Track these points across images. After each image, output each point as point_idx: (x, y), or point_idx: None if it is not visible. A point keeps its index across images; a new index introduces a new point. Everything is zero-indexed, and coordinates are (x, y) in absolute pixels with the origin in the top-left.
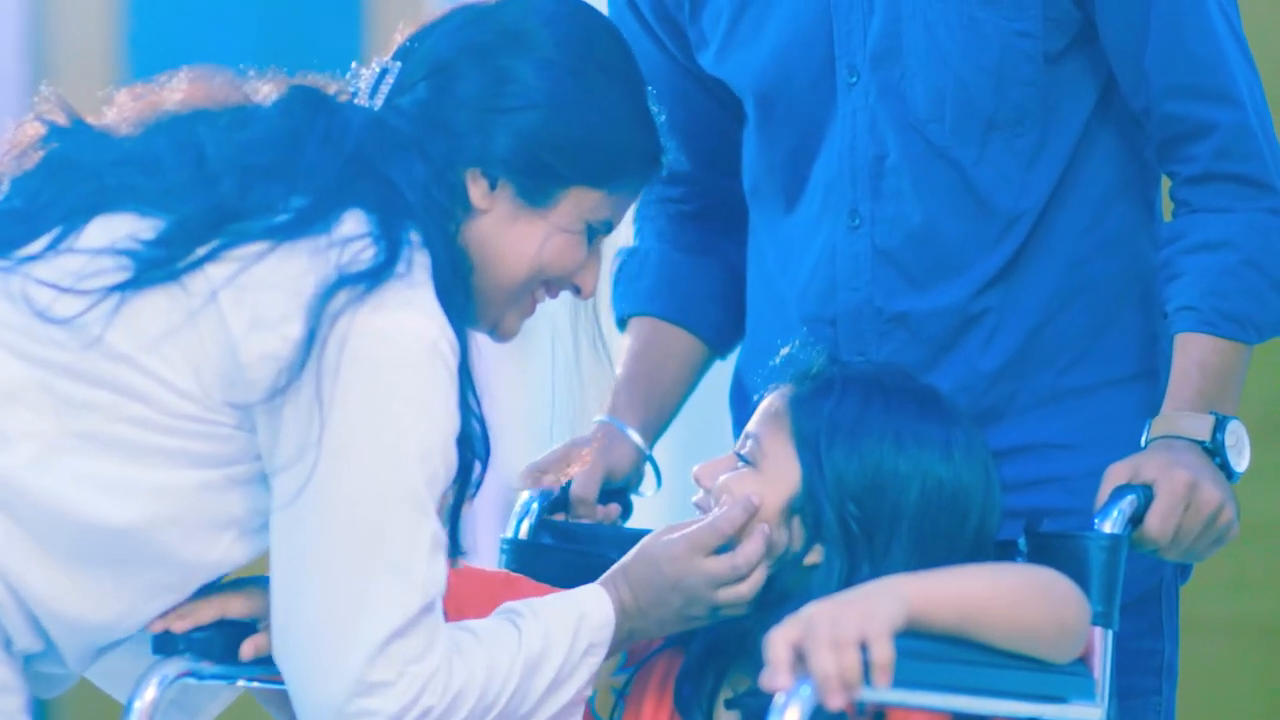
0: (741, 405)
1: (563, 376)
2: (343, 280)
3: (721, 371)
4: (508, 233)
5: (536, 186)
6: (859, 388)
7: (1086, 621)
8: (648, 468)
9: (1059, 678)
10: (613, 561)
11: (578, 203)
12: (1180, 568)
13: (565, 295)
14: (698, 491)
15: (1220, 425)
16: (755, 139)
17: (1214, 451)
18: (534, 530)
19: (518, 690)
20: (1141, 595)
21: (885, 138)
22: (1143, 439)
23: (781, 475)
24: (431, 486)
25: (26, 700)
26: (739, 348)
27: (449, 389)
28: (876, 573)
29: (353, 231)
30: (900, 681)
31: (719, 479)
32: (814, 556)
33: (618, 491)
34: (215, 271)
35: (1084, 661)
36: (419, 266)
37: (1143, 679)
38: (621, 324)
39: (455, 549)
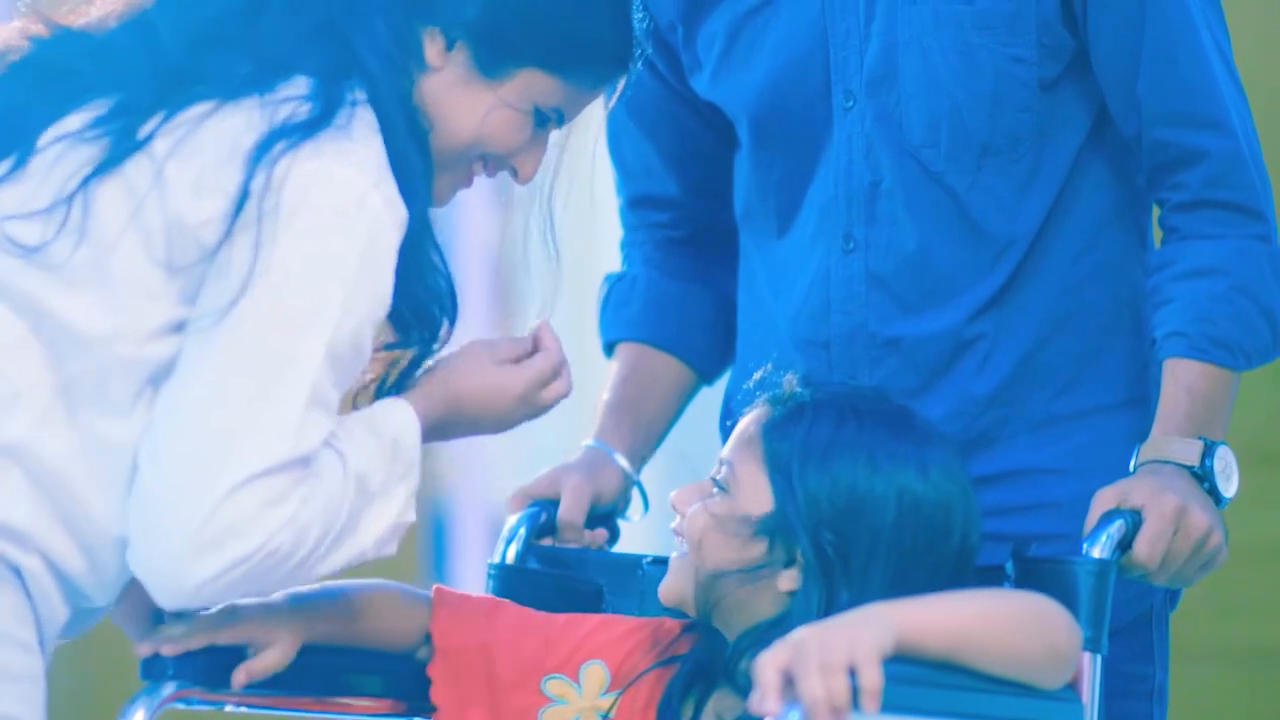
0: (730, 429)
1: (508, 263)
2: (277, 133)
3: (710, 395)
4: (454, 97)
5: (493, 57)
6: (832, 410)
7: (1078, 648)
8: (635, 492)
9: (1048, 703)
10: (600, 586)
11: (529, 83)
12: (1169, 593)
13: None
14: (675, 518)
15: (1209, 450)
16: (748, 163)
17: (1203, 477)
18: (521, 555)
19: (350, 514)
20: (1133, 621)
21: (880, 162)
22: (1132, 464)
23: (754, 501)
24: (350, 339)
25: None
26: (729, 372)
27: (377, 246)
28: (856, 597)
29: (291, 92)
30: (889, 706)
31: (691, 506)
32: (788, 582)
33: (604, 516)
34: (161, 146)
35: (1073, 686)
36: (361, 122)
37: (1134, 704)
38: (608, 349)
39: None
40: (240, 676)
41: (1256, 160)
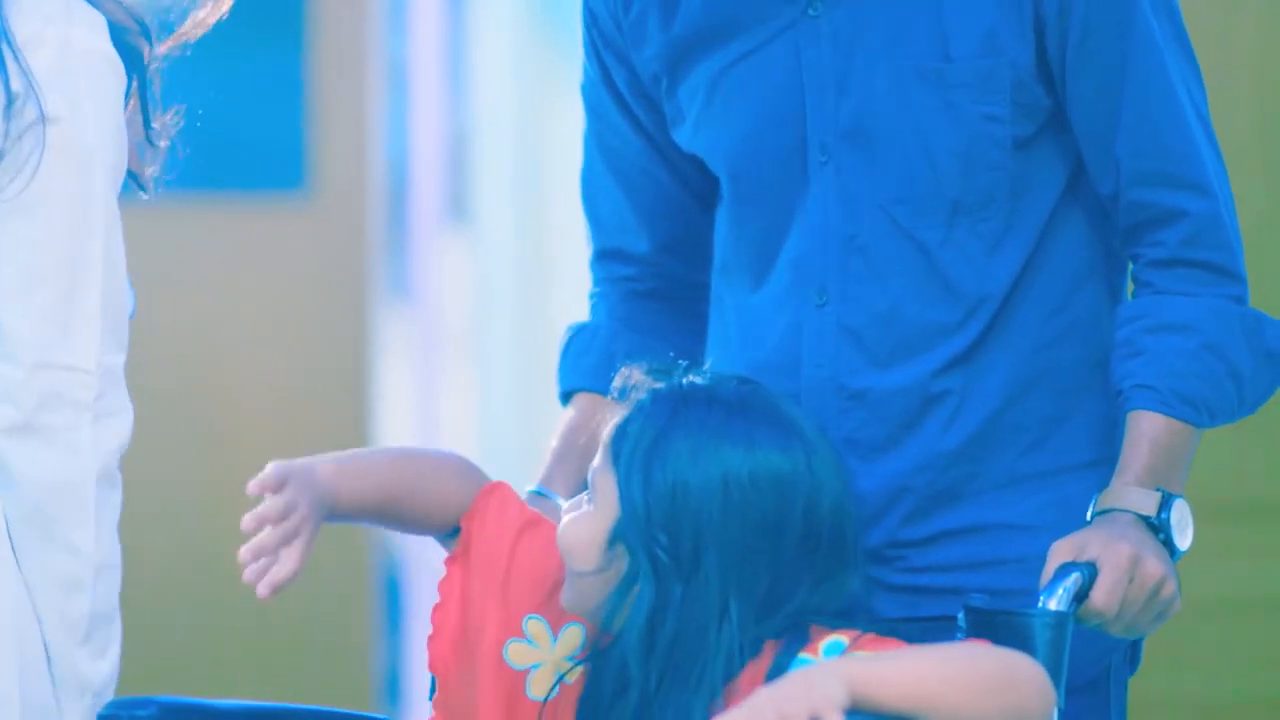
0: None
1: None
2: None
3: None
4: None
5: None
6: (666, 405)
7: (1049, 711)
8: None
9: None
10: None
11: None
12: (1131, 653)
13: None
14: None
15: (1166, 503)
16: (728, 215)
17: (1159, 528)
18: None
19: None
20: (1092, 678)
21: (855, 218)
22: (1089, 512)
23: (608, 508)
24: (117, 156)
25: None
26: None
27: (99, 67)
28: (689, 591)
29: None
30: None
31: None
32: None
33: None
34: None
35: None
36: None
37: None
38: (565, 398)
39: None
40: None
41: (1233, 222)
